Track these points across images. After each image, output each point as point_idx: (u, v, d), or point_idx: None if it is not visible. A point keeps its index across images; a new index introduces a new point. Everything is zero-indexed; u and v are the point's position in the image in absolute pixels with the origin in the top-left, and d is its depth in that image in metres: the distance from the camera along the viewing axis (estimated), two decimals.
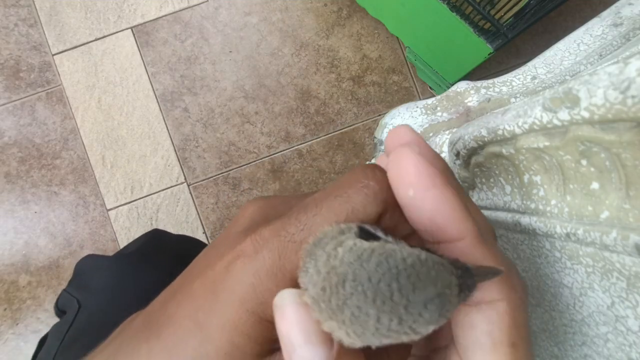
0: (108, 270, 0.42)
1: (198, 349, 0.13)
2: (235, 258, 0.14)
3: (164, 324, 0.14)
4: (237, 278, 0.13)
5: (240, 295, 0.13)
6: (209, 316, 0.13)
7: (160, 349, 0.14)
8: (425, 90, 0.86)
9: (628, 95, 0.12)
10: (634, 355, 0.17)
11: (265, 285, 0.13)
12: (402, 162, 0.12)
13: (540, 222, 0.19)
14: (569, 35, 0.32)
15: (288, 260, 0.13)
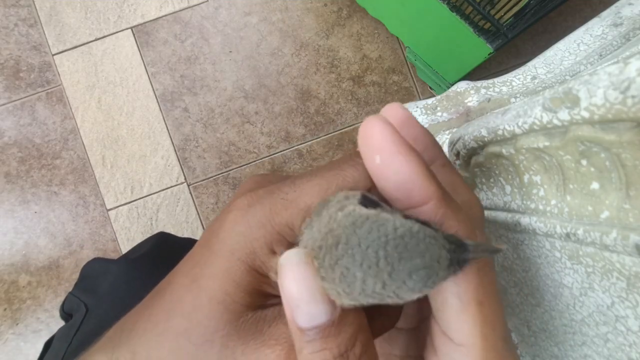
0: (115, 275, 0.42)
1: (193, 301, 0.14)
2: (229, 212, 0.14)
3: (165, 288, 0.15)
4: (229, 228, 0.14)
5: (231, 245, 0.14)
6: (203, 269, 0.14)
7: (160, 309, 0.14)
8: (425, 90, 0.86)
9: (628, 95, 0.12)
10: (634, 355, 0.17)
11: (255, 235, 0.14)
12: (369, 131, 0.13)
13: (540, 222, 0.19)
14: (569, 35, 0.32)
15: (278, 214, 0.14)
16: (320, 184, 0.14)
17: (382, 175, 0.13)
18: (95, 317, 0.39)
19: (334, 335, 0.12)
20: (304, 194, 0.14)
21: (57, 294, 0.81)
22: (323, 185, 0.14)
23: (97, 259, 0.47)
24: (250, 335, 0.13)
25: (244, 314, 0.14)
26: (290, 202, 0.14)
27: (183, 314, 0.14)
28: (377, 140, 0.13)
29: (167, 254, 0.47)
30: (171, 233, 0.53)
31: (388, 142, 0.12)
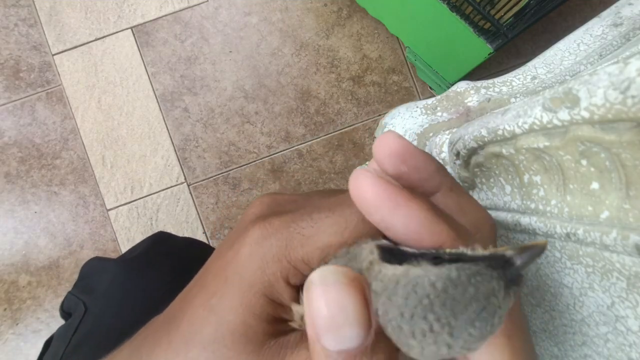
0: (114, 274, 0.42)
1: (214, 333, 0.14)
2: (244, 244, 0.14)
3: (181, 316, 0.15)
4: (246, 262, 0.14)
5: (249, 278, 0.14)
6: (221, 301, 0.14)
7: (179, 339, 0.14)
8: (425, 90, 0.86)
9: (628, 95, 0.12)
10: (634, 355, 0.17)
11: (272, 269, 0.13)
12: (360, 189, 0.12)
13: (540, 222, 0.19)
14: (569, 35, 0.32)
15: (294, 250, 0.13)
16: (338, 223, 0.14)
17: (388, 229, 0.12)
18: (93, 316, 0.39)
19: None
20: (321, 231, 0.13)
21: (57, 294, 0.81)
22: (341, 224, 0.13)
23: (96, 258, 0.47)
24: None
25: (267, 343, 0.14)
26: (307, 238, 0.14)
27: (204, 345, 0.14)
28: (371, 199, 0.12)
29: (165, 252, 0.47)
30: (170, 232, 0.53)
31: (383, 199, 0.12)
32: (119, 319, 0.37)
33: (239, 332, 0.13)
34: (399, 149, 0.14)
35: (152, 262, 0.44)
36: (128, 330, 0.17)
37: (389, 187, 0.12)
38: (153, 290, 0.39)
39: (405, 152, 0.14)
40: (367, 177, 0.12)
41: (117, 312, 0.38)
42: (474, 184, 0.27)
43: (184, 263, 0.45)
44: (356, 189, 0.12)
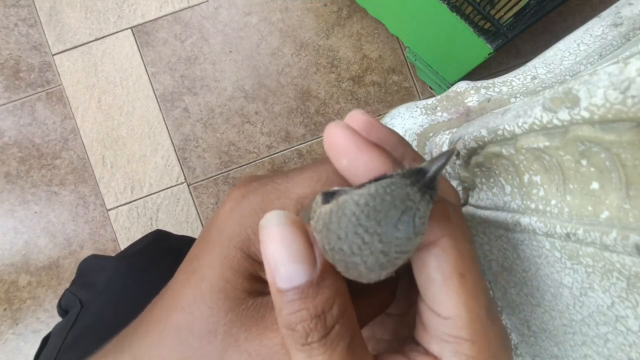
0: (112, 271, 0.42)
1: (194, 293, 0.14)
2: (224, 204, 0.15)
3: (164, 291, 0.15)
4: (225, 218, 0.14)
5: (228, 233, 0.14)
6: (201, 259, 0.14)
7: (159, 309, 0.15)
8: (425, 90, 0.86)
9: (628, 95, 0.12)
10: (634, 355, 0.17)
11: (249, 222, 0.14)
12: (332, 137, 0.14)
13: (540, 222, 0.19)
14: (569, 35, 0.32)
15: (270, 202, 0.14)
16: (311, 176, 0.15)
17: (352, 174, 0.14)
18: (90, 312, 0.39)
19: (312, 296, 0.12)
20: (296, 184, 0.14)
21: (57, 294, 0.81)
22: (314, 177, 0.15)
23: (93, 256, 0.47)
24: (253, 322, 0.14)
25: (245, 301, 0.14)
26: (283, 192, 0.14)
27: (184, 307, 0.14)
28: (340, 145, 0.13)
29: (163, 250, 0.47)
30: (167, 231, 0.53)
31: (351, 144, 0.13)
32: (117, 315, 0.37)
33: (218, 287, 0.14)
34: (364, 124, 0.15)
35: (150, 259, 0.44)
36: (126, 325, 0.17)
37: (355, 135, 0.14)
38: (152, 286, 0.39)
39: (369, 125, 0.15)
40: (338, 126, 0.14)
41: (116, 309, 0.38)
42: (474, 184, 0.27)
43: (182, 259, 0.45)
44: (329, 136, 0.14)
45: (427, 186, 0.11)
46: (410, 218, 0.11)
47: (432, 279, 0.14)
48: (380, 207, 0.11)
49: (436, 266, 0.14)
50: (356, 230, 0.11)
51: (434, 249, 0.14)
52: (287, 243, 0.12)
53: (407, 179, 0.11)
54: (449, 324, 0.13)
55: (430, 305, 0.14)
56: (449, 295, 0.13)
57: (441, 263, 0.13)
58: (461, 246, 0.14)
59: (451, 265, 0.13)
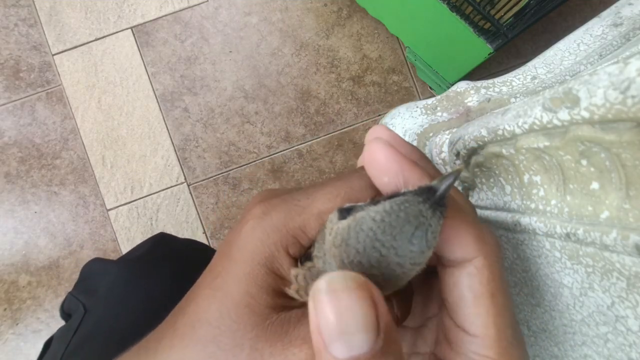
0: (114, 275, 0.42)
1: (220, 308, 0.14)
2: (246, 222, 0.15)
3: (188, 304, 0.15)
4: (247, 236, 0.15)
5: (251, 250, 0.14)
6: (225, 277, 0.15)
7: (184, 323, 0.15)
8: (425, 90, 0.86)
9: (628, 95, 0.12)
10: (634, 355, 0.17)
11: (272, 239, 0.14)
12: (374, 155, 0.14)
13: (540, 222, 0.19)
14: (569, 35, 0.32)
15: (292, 219, 0.15)
16: (330, 192, 0.15)
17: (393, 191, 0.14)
18: (93, 318, 0.39)
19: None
20: (315, 200, 0.15)
21: (57, 294, 0.81)
22: (333, 192, 0.15)
23: (97, 260, 0.47)
24: (277, 337, 0.14)
25: (269, 317, 0.14)
26: (304, 208, 0.15)
27: (210, 322, 0.14)
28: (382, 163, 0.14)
29: (166, 254, 0.46)
30: (171, 234, 0.53)
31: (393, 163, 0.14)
32: (120, 320, 0.37)
33: (243, 303, 0.14)
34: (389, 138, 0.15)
35: (153, 264, 0.44)
36: (129, 331, 0.17)
37: (397, 153, 0.14)
38: (154, 291, 0.39)
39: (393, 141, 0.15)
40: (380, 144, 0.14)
41: (119, 314, 0.38)
42: (474, 184, 0.27)
43: (185, 264, 0.45)
44: (370, 153, 0.14)
45: (438, 203, 0.12)
46: (423, 233, 0.12)
47: (464, 297, 0.14)
48: (395, 223, 0.12)
49: (469, 284, 0.14)
50: (374, 245, 0.12)
51: (468, 267, 0.14)
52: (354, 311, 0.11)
53: (419, 196, 0.12)
54: (477, 342, 0.14)
55: (460, 322, 0.14)
56: (479, 314, 0.14)
57: (474, 282, 0.14)
58: (494, 267, 0.14)
59: (484, 284, 0.14)
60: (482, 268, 0.14)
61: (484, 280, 0.14)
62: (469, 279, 0.14)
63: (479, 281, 0.14)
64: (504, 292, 0.14)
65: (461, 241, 0.14)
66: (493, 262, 0.14)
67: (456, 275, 0.14)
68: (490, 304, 0.14)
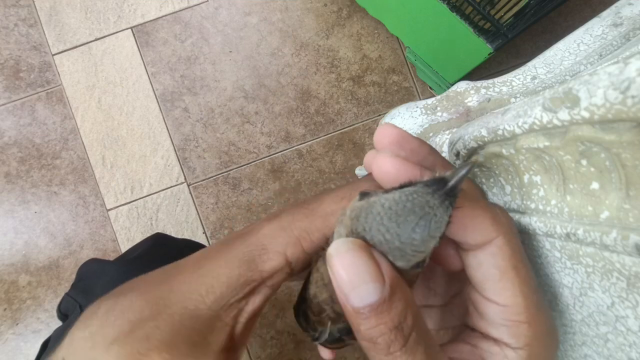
0: (111, 275, 0.42)
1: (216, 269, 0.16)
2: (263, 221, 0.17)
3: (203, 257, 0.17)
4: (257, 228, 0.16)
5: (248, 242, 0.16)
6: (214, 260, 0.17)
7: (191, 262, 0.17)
8: (425, 90, 0.86)
9: (628, 95, 0.12)
10: (634, 355, 0.17)
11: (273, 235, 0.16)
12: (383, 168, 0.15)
13: (540, 222, 0.19)
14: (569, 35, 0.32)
15: (299, 220, 0.16)
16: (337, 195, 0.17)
17: None
18: None
19: (386, 311, 0.13)
20: (324, 203, 0.16)
21: (57, 294, 0.81)
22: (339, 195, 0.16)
23: (94, 260, 0.47)
24: None
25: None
26: (311, 210, 0.16)
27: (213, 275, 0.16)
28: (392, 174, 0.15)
29: (163, 254, 0.46)
30: (169, 234, 0.52)
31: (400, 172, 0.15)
32: None
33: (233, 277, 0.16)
34: (397, 137, 0.16)
35: (151, 264, 0.44)
36: None
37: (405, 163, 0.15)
38: None
39: (401, 139, 0.16)
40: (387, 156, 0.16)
41: None
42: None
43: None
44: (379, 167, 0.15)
45: (448, 194, 0.13)
46: (427, 223, 0.13)
47: (491, 274, 0.16)
48: (401, 212, 0.13)
49: (493, 263, 0.16)
50: (379, 228, 0.13)
51: (490, 248, 0.16)
52: (357, 267, 0.13)
53: (429, 187, 0.13)
54: (507, 310, 0.16)
55: (489, 296, 0.16)
56: (506, 286, 0.16)
57: (497, 260, 0.16)
58: (513, 242, 0.16)
59: (506, 260, 0.16)
60: (502, 246, 0.16)
61: (506, 257, 0.16)
62: (492, 257, 0.16)
63: (502, 258, 0.15)
64: (525, 264, 0.16)
65: (480, 226, 0.16)
66: (511, 238, 0.16)
67: (480, 256, 0.16)
68: (515, 276, 0.15)
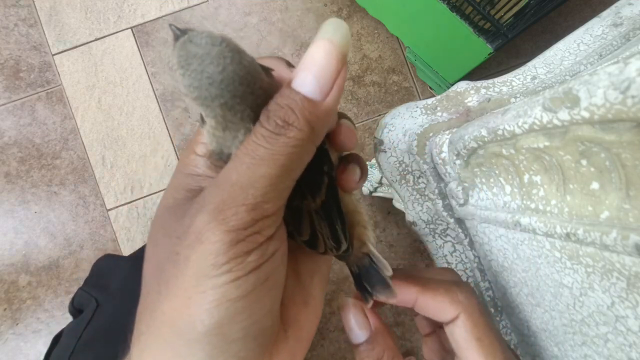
0: (127, 271, 0.42)
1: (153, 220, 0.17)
2: None
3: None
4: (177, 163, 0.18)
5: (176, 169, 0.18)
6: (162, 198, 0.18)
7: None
8: (425, 90, 0.86)
9: (628, 95, 0.12)
10: (634, 355, 0.17)
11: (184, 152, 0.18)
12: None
13: (540, 222, 0.19)
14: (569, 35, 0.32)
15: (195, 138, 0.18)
16: None
17: None
18: (105, 313, 0.39)
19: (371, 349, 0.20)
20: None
21: (57, 294, 0.81)
22: None
23: (108, 256, 0.47)
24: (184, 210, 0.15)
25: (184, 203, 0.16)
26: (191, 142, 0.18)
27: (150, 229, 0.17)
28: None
29: None
30: None
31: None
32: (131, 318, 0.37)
33: (163, 205, 0.16)
34: None
35: None
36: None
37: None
38: None
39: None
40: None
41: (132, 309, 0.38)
42: (474, 184, 0.27)
43: None
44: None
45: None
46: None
47: (458, 343, 0.20)
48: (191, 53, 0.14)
49: (458, 333, 0.20)
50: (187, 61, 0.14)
51: (456, 322, 0.20)
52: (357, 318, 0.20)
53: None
54: None
55: None
56: (472, 355, 0.19)
57: (461, 332, 0.20)
58: (474, 317, 0.20)
59: (469, 332, 0.19)
60: (464, 321, 0.20)
61: (468, 329, 0.19)
62: (457, 330, 0.20)
63: (465, 330, 0.20)
64: (489, 335, 0.20)
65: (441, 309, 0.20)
66: (472, 313, 0.20)
67: (450, 328, 0.20)
68: (478, 346, 0.19)
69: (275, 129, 0.14)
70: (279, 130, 0.14)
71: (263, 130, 0.14)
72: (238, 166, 0.14)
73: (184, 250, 0.14)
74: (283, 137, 0.14)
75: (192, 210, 0.14)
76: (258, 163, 0.14)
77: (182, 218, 0.15)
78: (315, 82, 0.14)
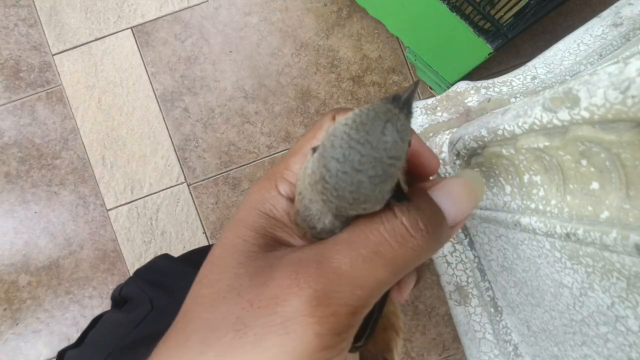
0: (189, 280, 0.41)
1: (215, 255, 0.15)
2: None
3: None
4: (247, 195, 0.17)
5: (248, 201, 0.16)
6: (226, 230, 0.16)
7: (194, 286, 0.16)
8: (425, 90, 0.86)
9: (628, 95, 0.12)
10: (634, 355, 0.17)
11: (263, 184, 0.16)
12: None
13: (540, 222, 0.19)
14: (569, 35, 0.32)
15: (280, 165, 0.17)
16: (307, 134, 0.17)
17: None
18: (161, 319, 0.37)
19: None
20: (298, 144, 0.17)
21: (57, 294, 0.81)
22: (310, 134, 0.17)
23: (165, 256, 0.45)
24: (259, 271, 0.14)
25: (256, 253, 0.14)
26: (288, 154, 0.17)
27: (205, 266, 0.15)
28: None
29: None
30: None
31: None
32: None
33: (230, 244, 0.15)
34: None
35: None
36: None
37: None
38: None
39: None
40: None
41: None
42: None
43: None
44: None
45: (404, 105, 0.13)
46: (394, 125, 0.13)
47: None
48: (366, 120, 0.13)
49: None
50: (350, 145, 0.12)
51: None
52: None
53: (390, 102, 0.13)
54: None
55: None
56: None
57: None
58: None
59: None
60: None
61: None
62: None
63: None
64: None
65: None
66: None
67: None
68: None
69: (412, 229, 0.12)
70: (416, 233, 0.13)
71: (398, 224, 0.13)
72: (354, 256, 0.12)
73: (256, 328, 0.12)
74: (413, 240, 0.12)
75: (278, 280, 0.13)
76: (377, 261, 0.12)
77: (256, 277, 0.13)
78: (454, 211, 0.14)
